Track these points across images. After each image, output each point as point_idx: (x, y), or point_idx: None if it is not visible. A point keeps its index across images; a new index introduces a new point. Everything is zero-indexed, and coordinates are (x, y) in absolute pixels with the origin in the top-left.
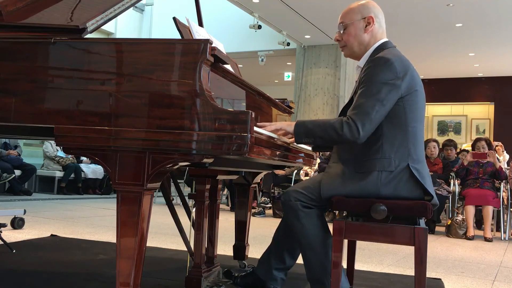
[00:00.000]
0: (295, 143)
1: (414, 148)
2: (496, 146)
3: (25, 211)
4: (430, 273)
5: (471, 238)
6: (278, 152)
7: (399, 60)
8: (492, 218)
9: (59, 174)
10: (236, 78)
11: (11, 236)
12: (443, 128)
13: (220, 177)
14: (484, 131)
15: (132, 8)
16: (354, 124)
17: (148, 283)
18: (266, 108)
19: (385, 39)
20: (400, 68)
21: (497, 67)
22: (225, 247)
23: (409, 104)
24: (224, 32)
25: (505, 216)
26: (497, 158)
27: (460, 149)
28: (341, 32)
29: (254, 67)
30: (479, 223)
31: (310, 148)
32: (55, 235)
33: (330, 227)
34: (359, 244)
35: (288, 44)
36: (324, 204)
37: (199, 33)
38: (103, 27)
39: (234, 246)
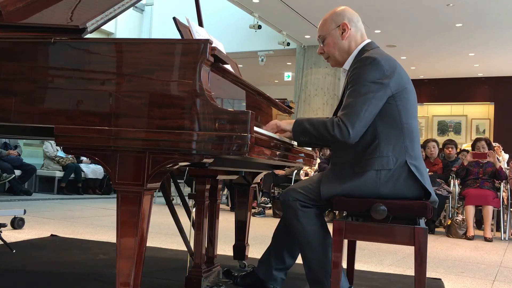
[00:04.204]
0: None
1: (411, 144)
2: (494, 147)
3: (25, 211)
4: (430, 273)
5: (471, 238)
6: (278, 152)
7: (386, 59)
8: (492, 218)
9: (59, 174)
10: (236, 78)
11: (11, 236)
12: (443, 128)
13: (220, 177)
14: (484, 131)
15: (132, 8)
16: (344, 125)
17: (148, 283)
18: (266, 108)
19: (367, 41)
20: (387, 67)
21: (497, 67)
22: (225, 247)
23: (401, 102)
24: (224, 32)
25: (505, 216)
26: (497, 158)
27: (460, 149)
28: (321, 45)
29: (254, 67)
30: (479, 223)
31: (310, 148)
32: (55, 235)
33: (330, 227)
34: (359, 244)
35: (288, 44)
36: (323, 204)
37: (199, 33)
38: (103, 27)
39: (234, 246)
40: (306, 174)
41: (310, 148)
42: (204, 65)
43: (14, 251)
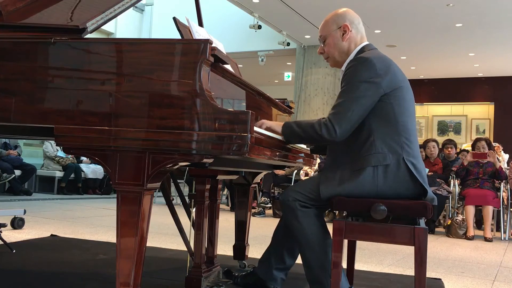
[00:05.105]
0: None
1: (408, 142)
2: (494, 147)
3: (25, 211)
4: (430, 273)
5: (471, 238)
6: (278, 152)
7: (380, 59)
8: (492, 218)
9: (59, 174)
10: (236, 78)
11: (11, 236)
12: (443, 128)
13: (220, 177)
14: (484, 131)
15: (132, 8)
16: (331, 124)
17: (148, 283)
18: (266, 108)
19: (365, 43)
20: (380, 66)
21: (497, 67)
22: (225, 247)
23: (396, 99)
24: (224, 32)
25: (505, 216)
26: (497, 158)
27: (460, 149)
28: (322, 45)
29: (254, 67)
30: (479, 223)
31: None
32: (55, 235)
33: (330, 227)
34: (359, 244)
35: (288, 44)
36: (323, 204)
37: (199, 33)
38: (103, 27)
39: (234, 246)
40: (306, 174)
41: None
42: (204, 65)
43: (14, 251)
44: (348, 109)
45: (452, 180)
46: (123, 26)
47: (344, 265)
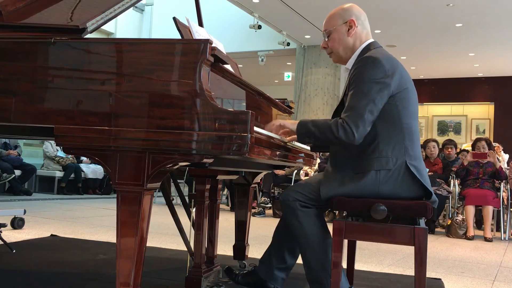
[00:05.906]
0: (293, 142)
1: (411, 144)
2: (494, 147)
3: (25, 211)
4: (430, 273)
5: (471, 238)
6: (278, 152)
7: (387, 59)
8: (492, 218)
9: (59, 174)
10: (236, 78)
11: (11, 236)
12: (443, 128)
13: (220, 177)
14: (484, 131)
15: (132, 8)
16: (348, 127)
17: (148, 283)
18: (266, 108)
19: (371, 40)
20: (388, 67)
21: (497, 67)
22: (225, 247)
23: (401, 102)
24: (224, 32)
25: (505, 216)
26: (497, 158)
27: (460, 149)
28: (326, 39)
29: (254, 67)
30: (479, 223)
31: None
32: (55, 235)
33: (330, 227)
34: (359, 244)
35: (288, 44)
36: (323, 204)
37: (199, 33)
38: (103, 27)
39: (234, 246)
40: (306, 174)
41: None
42: (204, 65)
43: (14, 251)
44: (364, 110)
45: (452, 180)
46: (123, 26)
47: (344, 265)
